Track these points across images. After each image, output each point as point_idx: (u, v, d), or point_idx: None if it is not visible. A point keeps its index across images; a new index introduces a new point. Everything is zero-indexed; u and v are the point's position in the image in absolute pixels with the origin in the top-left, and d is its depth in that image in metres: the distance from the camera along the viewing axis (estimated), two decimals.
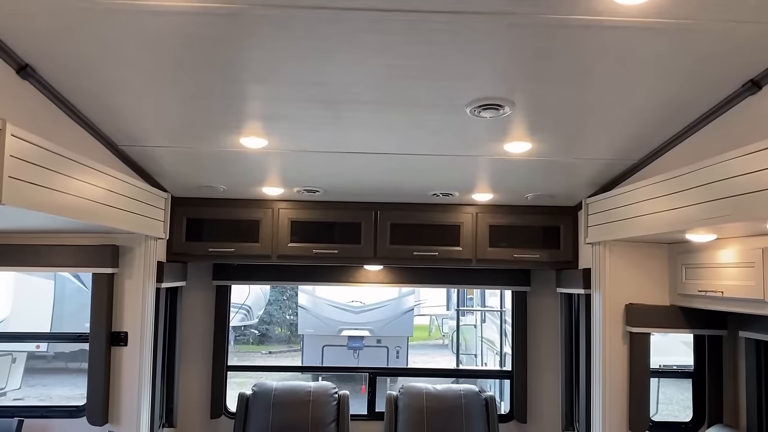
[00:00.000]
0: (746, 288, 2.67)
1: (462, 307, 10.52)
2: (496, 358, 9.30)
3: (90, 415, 3.33)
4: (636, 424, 3.35)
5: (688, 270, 3.23)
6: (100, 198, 2.74)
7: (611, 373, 3.40)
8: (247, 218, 3.88)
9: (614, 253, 3.45)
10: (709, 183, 2.41)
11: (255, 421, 4.02)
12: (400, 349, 10.67)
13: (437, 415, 4.07)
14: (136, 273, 3.42)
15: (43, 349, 9.72)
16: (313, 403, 4.07)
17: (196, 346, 4.30)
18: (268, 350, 15.20)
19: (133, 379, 3.38)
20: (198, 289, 4.31)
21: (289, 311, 16.13)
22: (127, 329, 3.41)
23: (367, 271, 4.27)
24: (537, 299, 4.40)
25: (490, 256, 3.90)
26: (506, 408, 4.57)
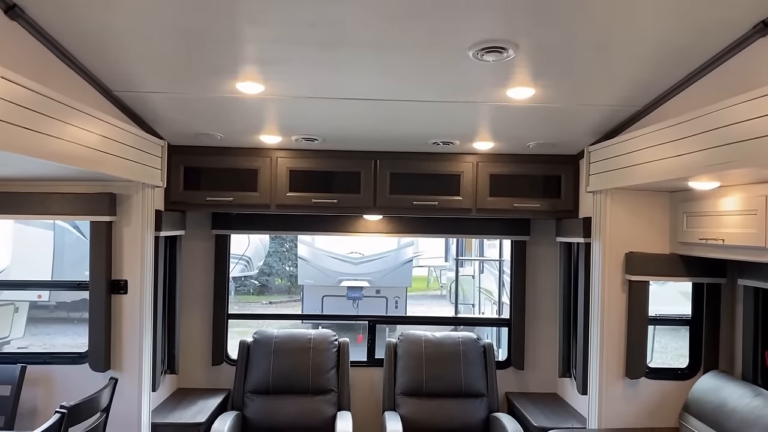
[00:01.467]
0: (748, 235, 2.66)
1: (461, 257, 10.57)
2: (493, 308, 9.40)
3: (92, 361, 3.37)
4: (633, 370, 3.40)
5: (690, 218, 3.22)
6: (96, 145, 2.70)
7: (609, 320, 3.42)
8: (246, 167, 3.84)
9: (615, 201, 3.43)
10: (714, 129, 2.38)
11: (256, 367, 4.08)
12: (399, 300, 10.78)
13: (436, 361, 4.13)
14: (134, 221, 3.40)
15: (45, 298, 9.81)
16: (314, 350, 4.12)
17: (196, 294, 4.33)
18: (268, 300, 15.37)
19: (134, 327, 3.41)
20: (197, 239, 4.31)
21: (288, 262, 16.23)
22: (127, 277, 3.41)
23: (366, 221, 4.25)
24: (536, 249, 4.40)
25: (490, 206, 3.88)
26: (504, 355, 4.63)
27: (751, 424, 2.74)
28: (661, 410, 3.45)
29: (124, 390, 3.36)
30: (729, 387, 3.06)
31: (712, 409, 3.04)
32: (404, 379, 4.11)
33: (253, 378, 4.06)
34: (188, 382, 4.30)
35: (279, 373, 4.05)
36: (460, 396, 4.09)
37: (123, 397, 3.35)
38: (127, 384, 3.38)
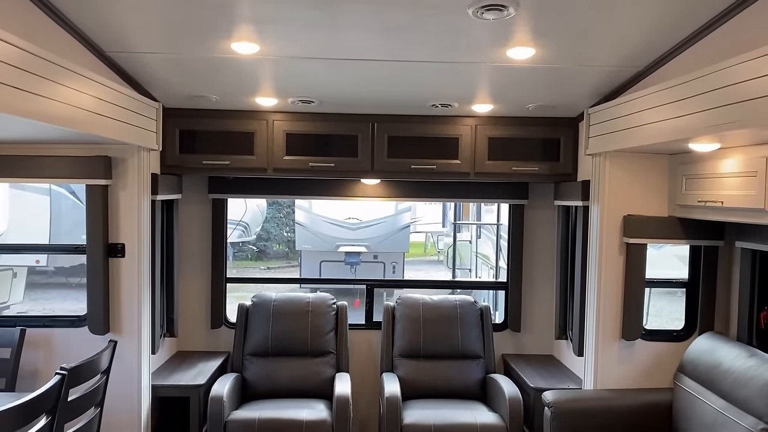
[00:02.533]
0: (747, 197, 2.65)
1: (459, 221, 10.58)
2: (490, 273, 9.45)
3: (91, 324, 3.38)
4: (629, 332, 3.42)
5: (689, 180, 3.21)
6: (89, 106, 2.66)
7: (606, 283, 3.44)
8: (242, 130, 3.81)
9: (614, 164, 3.41)
10: (716, 89, 2.35)
11: (255, 330, 4.10)
12: (397, 265, 10.82)
13: (433, 324, 4.16)
14: (130, 185, 3.38)
15: (43, 263, 9.81)
16: (312, 313, 4.14)
17: (194, 258, 4.33)
18: (266, 266, 15.42)
19: (132, 290, 3.41)
20: (194, 202, 4.29)
21: (286, 228, 16.23)
22: (124, 241, 3.40)
23: (364, 185, 4.23)
24: (534, 212, 4.39)
25: (488, 169, 3.86)
26: (500, 318, 4.67)
27: (745, 383, 2.77)
28: (656, 371, 3.49)
29: (124, 352, 3.38)
30: (724, 348, 3.09)
31: (707, 369, 3.07)
32: (402, 342, 4.14)
33: (252, 341, 4.09)
34: (187, 345, 4.33)
35: (278, 336, 4.07)
36: (457, 358, 4.13)
37: (123, 360, 3.37)
38: (127, 346, 3.40)
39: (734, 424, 2.74)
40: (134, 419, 3.43)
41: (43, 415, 2.33)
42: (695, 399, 3.07)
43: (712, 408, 2.92)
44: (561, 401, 3.32)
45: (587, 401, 3.36)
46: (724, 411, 2.84)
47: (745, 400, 2.74)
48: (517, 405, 3.58)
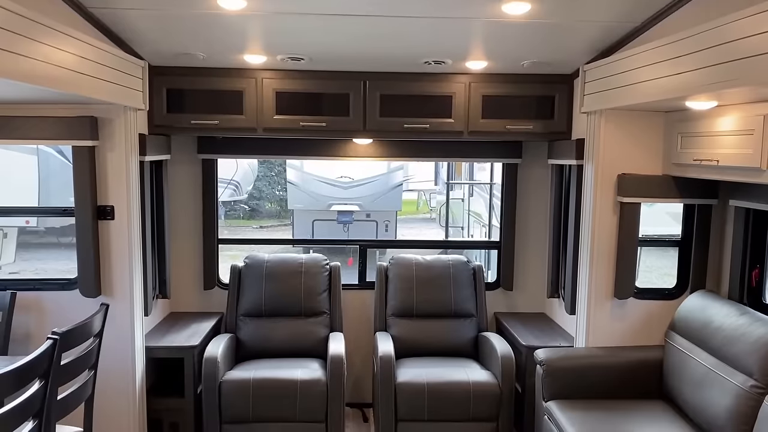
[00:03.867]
0: (743, 156, 2.62)
1: (452, 181, 10.53)
2: (482, 231, 9.47)
3: (82, 287, 3.36)
4: (622, 290, 3.44)
5: (684, 139, 3.18)
6: (72, 65, 2.57)
7: (600, 242, 3.43)
8: (230, 89, 3.72)
9: (609, 122, 3.37)
10: (714, 46, 2.30)
11: (248, 291, 4.10)
12: (389, 223, 10.81)
13: (426, 283, 4.17)
14: (118, 146, 3.31)
15: (33, 224, 9.74)
16: (305, 274, 4.13)
17: (185, 219, 4.29)
18: (258, 225, 15.40)
19: (123, 252, 3.38)
20: (183, 163, 4.23)
21: (278, 187, 16.14)
22: (113, 203, 3.35)
23: (356, 144, 4.17)
24: (528, 171, 4.36)
25: (482, 128, 3.80)
26: (493, 277, 4.68)
27: (736, 341, 2.80)
28: (647, 329, 3.52)
29: (116, 315, 3.37)
30: (715, 306, 3.11)
31: (698, 327, 3.10)
32: (395, 301, 4.15)
33: (245, 301, 4.09)
34: (180, 306, 4.33)
35: (271, 297, 4.07)
36: (449, 317, 4.15)
37: (115, 322, 3.36)
38: (119, 309, 3.39)
39: (724, 381, 2.78)
40: (129, 381, 3.44)
41: (37, 380, 2.32)
42: (686, 356, 3.10)
43: (702, 365, 2.96)
44: (553, 359, 3.35)
45: (579, 359, 3.40)
46: (714, 368, 2.87)
47: (735, 358, 2.77)
48: (509, 363, 3.62)
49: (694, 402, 2.95)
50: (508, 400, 3.61)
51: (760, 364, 2.63)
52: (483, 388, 3.60)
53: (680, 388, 3.09)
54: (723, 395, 2.75)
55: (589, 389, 3.29)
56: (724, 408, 2.72)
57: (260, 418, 3.54)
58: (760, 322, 2.78)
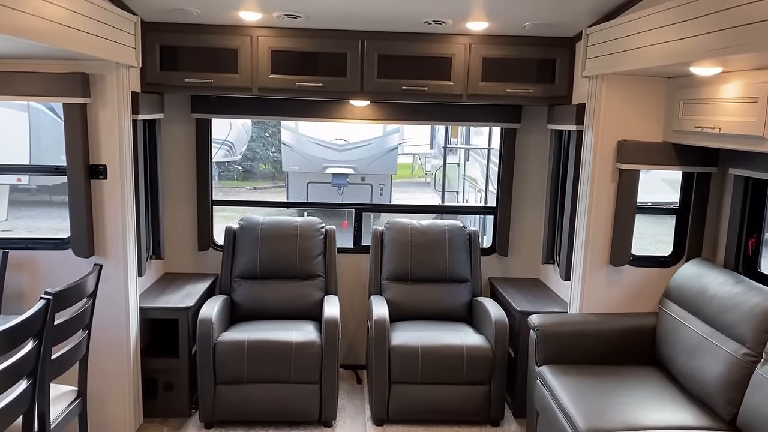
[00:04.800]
0: (746, 124, 2.59)
1: (449, 145, 10.45)
2: (477, 196, 9.44)
3: (75, 247, 3.32)
4: (617, 258, 3.44)
5: (686, 106, 3.13)
6: (61, 19, 2.49)
7: (597, 209, 3.41)
8: (225, 46, 3.63)
9: (611, 87, 3.31)
10: (720, 11, 2.25)
11: (243, 253, 4.08)
12: (384, 187, 10.76)
13: (422, 248, 4.16)
14: (110, 103, 3.24)
15: (25, 182, 9.65)
16: (300, 236, 4.11)
17: (179, 180, 4.24)
18: (253, 186, 15.32)
19: (116, 212, 3.34)
20: (177, 122, 4.16)
21: (272, 148, 16.00)
22: (106, 162, 3.29)
23: (353, 106, 4.10)
24: (526, 136, 4.32)
25: (481, 91, 3.74)
26: (488, 242, 4.68)
27: (730, 309, 2.81)
28: (642, 297, 3.53)
29: (110, 275, 3.35)
30: (711, 274, 3.11)
31: (693, 295, 3.11)
32: (390, 266, 4.15)
33: (240, 263, 4.07)
34: (175, 267, 4.32)
35: (266, 259, 4.06)
36: (444, 281, 4.16)
37: (109, 283, 3.34)
38: (113, 269, 3.36)
39: (717, 348, 2.80)
40: (123, 341, 3.44)
41: (30, 339, 2.31)
42: (679, 324, 3.12)
43: (695, 333, 2.98)
44: (547, 325, 3.36)
45: (573, 325, 3.41)
46: (707, 336, 2.89)
47: (729, 326, 2.78)
48: (502, 327, 3.63)
49: (686, 369, 2.98)
50: (500, 364, 3.64)
51: (753, 333, 2.65)
52: (476, 352, 3.62)
53: (673, 355, 3.11)
54: (715, 363, 2.78)
55: (582, 355, 3.31)
56: (716, 375, 2.75)
57: (255, 379, 3.56)
58: (755, 291, 2.79)
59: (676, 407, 2.82)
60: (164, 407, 3.74)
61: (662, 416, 2.73)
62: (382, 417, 3.70)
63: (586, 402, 2.84)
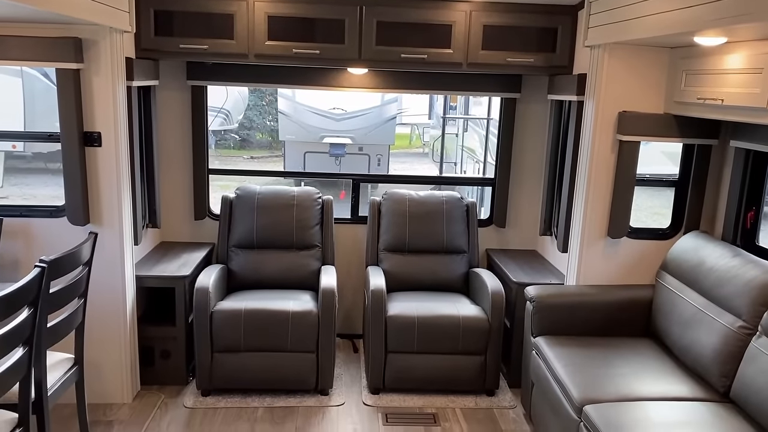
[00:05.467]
0: (749, 96, 2.56)
1: (448, 115, 10.37)
2: (475, 167, 9.40)
3: (70, 215, 3.30)
4: (615, 230, 3.43)
5: (689, 76, 3.09)
6: None
7: (596, 180, 3.39)
8: (221, 11, 3.55)
9: (613, 57, 3.26)
10: None
11: (240, 222, 4.06)
12: (382, 157, 10.70)
13: (419, 219, 4.14)
14: (104, 69, 3.18)
15: (20, 148, 9.57)
16: (297, 206, 4.09)
17: (175, 148, 4.20)
18: (249, 155, 15.23)
19: (111, 180, 3.31)
20: (172, 89, 4.10)
21: (269, 117, 15.86)
22: (100, 129, 3.25)
23: (350, 74, 4.05)
24: (526, 106, 4.27)
25: (482, 60, 3.68)
26: (486, 214, 4.66)
27: (727, 282, 2.81)
28: (638, 269, 3.54)
29: (105, 244, 3.33)
30: (708, 247, 3.11)
31: (690, 267, 3.11)
32: (387, 236, 4.14)
33: (236, 233, 4.06)
34: (171, 236, 4.30)
35: (263, 229, 4.04)
36: (441, 252, 4.15)
37: (105, 251, 3.33)
38: (108, 238, 3.35)
39: (712, 321, 2.81)
40: (119, 309, 3.44)
41: (25, 307, 2.30)
42: (676, 296, 3.12)
43: (691, 305, 2.98)
44: (543, 296, 3.37)
45: (569, 296, 3.42)
46: (703, 308, 2.90)
47: (725, 299, 2.79)
48: (499, 298, 3.64)
49: (681, 341, 2.99)
50: (496, 335, 3.65)
51: (749, 306, 2.65)
52: (472, 323, 3.63)
53: (668, 327, 3.12)
54: (710, 335, 2.79)
55: (578, 326, 3.32)
56: (711, 347, 2.76)
57: (252, 348, 3.57)
58: (753, 264, 2.79)
59: (670, 379, 2.84)
60: (161, 375, 3.76)
61: (657, 387, 2.75)
62: (379, 386, 3.73)
63: (581, 373, 2.86)
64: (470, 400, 3.72)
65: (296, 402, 3.64)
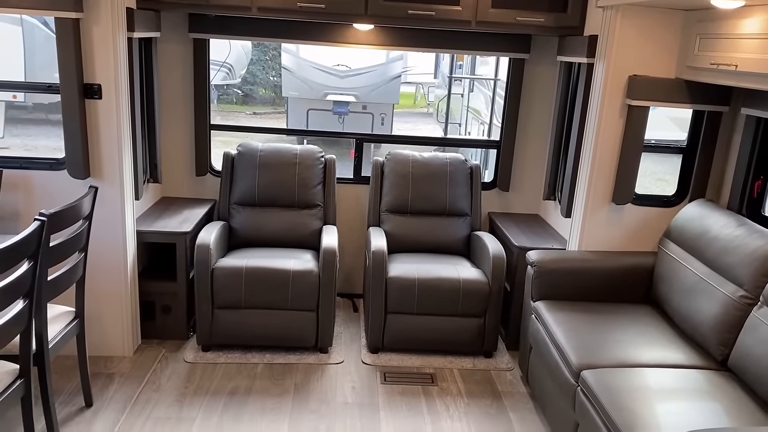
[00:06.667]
0: (764, 62, 2.49)
1: (454, 75, 10.20)
2: (480, 128, 9.31)
3: (70, 168, 3.27)
4: (620, 196, 3.40)
5: (703, 41, 3.01)
6: None
7: (603, 145, 3.35)
8: None
9: (625, 19, 3.18)
10: None
11: (241, 180, 4.03)
12: (385, 117, 10.58)
13: (422, 180, 4.11)
14: (104, 19, 3.11)
15: (21, 99, 9.47)
16: (300, 165, 4.05)
17: (176, 102, 4.14)
18: (252, 111, 15.08)
19: (111, 133, 3.27)
20: (174, 42, 4.02)
21: (272, 72, 15.65)
22: (100, 81, 3.19)
23: (356, 30, 3.95)
24: (534, 68, 4.19)
25: (491, 18, 3.59)
26: (489, 177, 4.62)
27: (731, 251, 2.79)
28: (642, 236, 3.52)
29: (106, 198, 3.31)
30: (714, 216, 3.08)
31: (694, 236, 3.08)
32: (390, 197, 4.11)
33: (238, 190, 4.03)
34: (172, 191, 4.28)
35: (265, 187, 4.01)
36: (443, 215, 4.13)
37: (105, 205, 3.31)
38: (108, 192, 3.32)
39: (714, 290, 2.80)
40: (120, 264, 3.44)
41: (25, 260, 2.29)
42: (678, 264, 3.11)
43: (694, 274, 2.97)
44: (545, 261, 3.36)
45: (570, 261, 3.40)
46: (705, 277, 2.89)
47: (728, 268, 2.77)
48: (500, 262, 3.63)
49: (681, 309, 2.99)
50: (496, 298, 3.66)
51: (752, 276, 2.64)
52: (472, 286, 3.63)
53: (669, 295, 3.12)
54: (711, 304, 2.78)
55: (578, 292, 3.32)
56: (711, 316, 2.76)
57: (252, 305, 3.58)
58: (758, 234, 2.76)
59: (669, 346, 2.84)
60: (162, 329, 3.78)
61: (655, 354, 2.77)
62: (378, 345, 3.75)
63: (580, 338, 2.87)
64: (468, 361, 3.75)
65: (296, 359, 3.67)
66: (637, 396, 2.40)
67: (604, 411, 2.37)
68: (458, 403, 3.34)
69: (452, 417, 3.22)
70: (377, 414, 3.21)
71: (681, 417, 2.29)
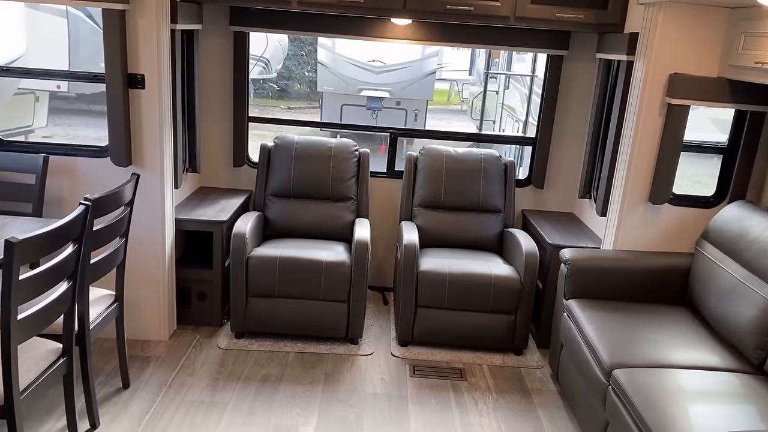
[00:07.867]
0: None
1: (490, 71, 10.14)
2: (515, 126, 9.25)
3: (113, 155, 3.36)
4: (657, 196, 3.35)
5: (748, 39, 2.96)
6: None
7: (641, 144, 3.31)
8: None
9: (668, 16, 3.13)
10: None
11: (277, 171, 4.09)
12: (419, 113, 10.57)
13: (456, 176, 4.11)
14: (149, 11, 3.18)
15: (64, 89, 9.71)
16: (334, 158, 4.09)
17: (215, 94, 4.21)
18: (287, 105, 15.22)
19: (153, 123, 3.35)
20: (215, 35, 4.09)
21: (308, 67, 15.77)
22: (144, 72, 3.27)
23: (393, 25, 3.97)
24: (573, 65, 4.15)
25: (530, 14, 3.57)
26: (524, 174, 4.60)
27: None
28: (678, 237, 3.47)
29: (147, 185, 3.39)
30: (754, 217, 3.02)
31: (732, 238, 3.03)
32: (423, 192, 4.12)
33: (274, 181, 4.09)
34: (210, 181, 4.36)
35: (300, 178, 4.06)
36: (476, 211, 4.13)
37: (146, 193, 3.39)
38: (149, 180, 3.41)
39: (752, 293, 2.75)
40: (159, 250, 3.53)
41: (70, 243, 2.37)
42: (716, 266, 3.06)
43: (731, 276, 2.92)
44: (579, 259, 3.34)
45: (605, 260, 3.37)
46: (743, 280, 2.84)
47: (767, 271, 2.72)
48: (533, 259, 3.62)
49: (717, 311, 2.94)
50: (528, 296, 3.65)
51: None
52: (504, 282, 3.63)
53: (705, 296, 3.08)
54: (749, 306, 2.74)
55: (612, 291, 3.29)
56: (748, 319, 2.71)
57: (285, 294, 3.64)
58: None
59: (704, 348, 2.80)
60: (197, 316, 3.87)
61: (689, 356, 2.73)
62: (407, 338, 3.78)
63: (612, 337, 2.84)
64: (498, 357, 3.75)
65: (326, 349, 3.72)
66: (670, 397, 2.38)
67: (635, 410, 2.35)
68: (487, 399, 3.35)
69: (481, 412, 3.22)
70: (406, 406, 3.24)
71: (714, 420, 2.26)
